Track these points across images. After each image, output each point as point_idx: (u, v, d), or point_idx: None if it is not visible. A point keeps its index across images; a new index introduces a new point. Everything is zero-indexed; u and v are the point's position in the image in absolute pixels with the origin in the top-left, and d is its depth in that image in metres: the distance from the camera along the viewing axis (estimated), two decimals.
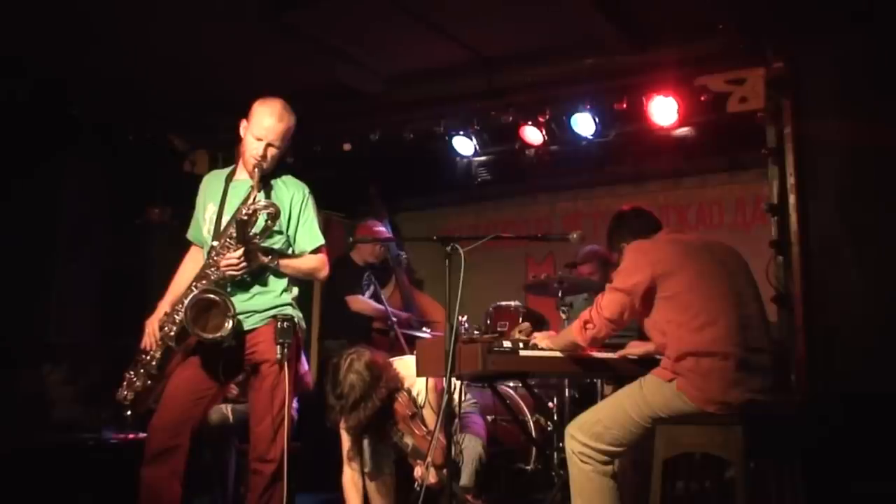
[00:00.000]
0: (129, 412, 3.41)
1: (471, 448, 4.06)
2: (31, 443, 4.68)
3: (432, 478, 3.71)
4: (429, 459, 3.61)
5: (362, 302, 5.65)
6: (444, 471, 3.61)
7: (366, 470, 4.11)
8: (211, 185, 3.55)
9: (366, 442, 4.11)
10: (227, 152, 5.71)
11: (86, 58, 5.06)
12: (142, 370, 3.36)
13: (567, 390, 4.51)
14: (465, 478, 3.99)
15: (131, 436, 4.92)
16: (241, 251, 3.23)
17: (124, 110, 5.71)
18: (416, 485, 3.81)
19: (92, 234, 5.80)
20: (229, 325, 3.19)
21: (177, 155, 6.15)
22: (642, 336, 3.47)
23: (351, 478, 4.11)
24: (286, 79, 4.97)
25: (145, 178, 6.00)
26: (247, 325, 3.33)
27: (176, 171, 6.09)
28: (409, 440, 3.93)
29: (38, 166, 5.41)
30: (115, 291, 5.72)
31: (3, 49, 4.90)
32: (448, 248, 3.31)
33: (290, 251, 3.45)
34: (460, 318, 3.92)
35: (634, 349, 3.57)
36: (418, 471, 3.83)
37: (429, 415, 4.00)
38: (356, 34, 4.94)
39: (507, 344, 3.39)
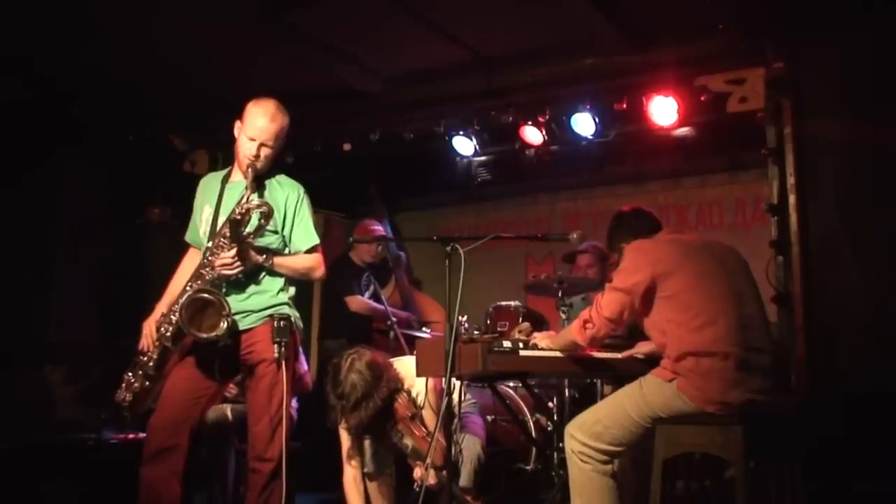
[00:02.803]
0: (127, 413, 3.41)
1: (469, 448, 4.06)
2: (31, 442, 4.68)
3: (431, 479, 3.71)
4: (428, 461, 3.62)
5: (361, 302, 5.66)
6: (444, 472, 3.61)
7: (366, 470, 4.11)
8: (207, 187, 3.56)
9: (366, 442, 4.11)
10: (226, 152, 5.68)
11: (86, 58, 5.06)
12: (140, 371, 3.36)
13: (567, 390, 4.50)
14: (464, 478, 3.99)
15: (131, 436, 4.91)
16: (234, 251, 3.23)
17: (124, 110, 5.71)
18: (415, 485, 3.81)
19: (92, 234, 5.80)
20: (224, 324, 3.19)
21: (177, 155, 6.15)
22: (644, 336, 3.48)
23: (353, 477, 4.11)
24: (286, 79, 4.98)
25: (145, 178, 6.01)
26: (243, 325, 3.33)
27: (176, 171, 6.09)
28: (408, 441, 3.93)
29: (39, 166, 5.42)
30: (115, 291, 5.72)
31: (4, 49, 4.90)
32: (448, 248, 3.31)
33: (285, 251, 3.45)
34: (460, 318, 3.92)
35: (642, 347, 3.56)
36: (418, 472, 3.83)
37: (428, 416, 4.00)
38: (356, 34, 4.93)
39: (507, 344, 3.40)
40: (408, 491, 4.07)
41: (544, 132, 5.58)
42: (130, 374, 3.39)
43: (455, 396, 3.47)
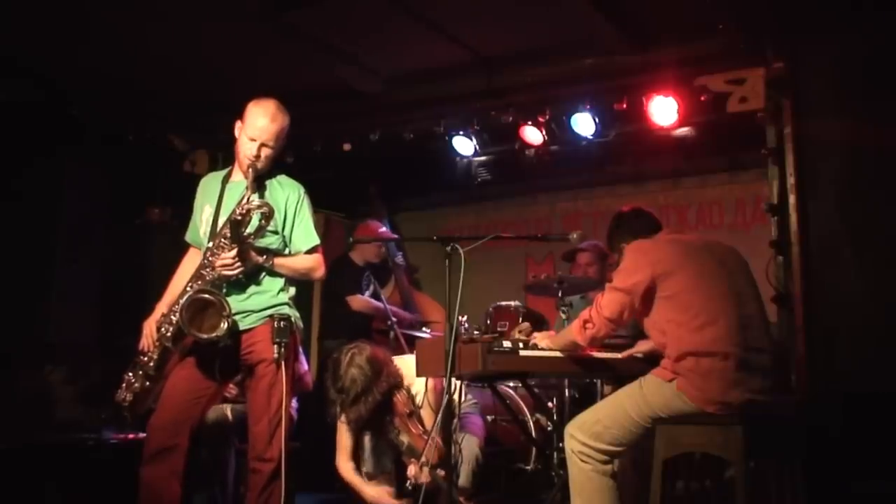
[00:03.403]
0: (128, 413, 3.41)
1: (467, 448, 4.06)
2: (31, 442, 4.68)
3: (425, 477, 3.72)
4: (423, 459, 3.63)
5: (363, 301, 5.66)
6: (438, 471, 3.62)
7: (365, 469, 4.12)
8: (208, 187, 3.56)
9: (367, 439, 4.11)
10: (227, 152, 5.67)
11: (86, 58, 5.06)
12: (140, 371, 3.36)
13: (567, 390, 4.50)
14: (463, 478, 3.99)
15: (131, 436, 4.91)
16: (235, 251, 3.23)
17: (124, 110, 5.71)
18: (407, 483, 3.82)
19: (92, 234, 5.79)
20: (225, 324, 3.19)
21: (177, 155, 6.15)
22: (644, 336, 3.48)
23: (351, 468, 4.11)
24: (286, 79, 4.98)
25: (145, 178, 6.01)
26: (243, 325, 3.33)
27: (176, 171, 6.08)
28: (404, 438, 3.94)
29: (39, 166, 5.42)
30: (115, 291, 5.72)
31: (4, 49, 4.90)
32: (448, 248, 3.32)
33: (285, 251, 3.45)
34: (460, 318, 3.92)
35: (641, 346, 3.56)
36: (411, 469, 3.83)
37: (427, 415, 4.01)
38: (356, 34, 4.93)
39: (507, 344, 3.40)
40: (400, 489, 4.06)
41: (544, 132, 5.58)
42: (130, 374, 3.39)
43: (455, 396, 3.47)
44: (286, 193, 3.46)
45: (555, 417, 4.62)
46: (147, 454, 3.28)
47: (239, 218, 3.24)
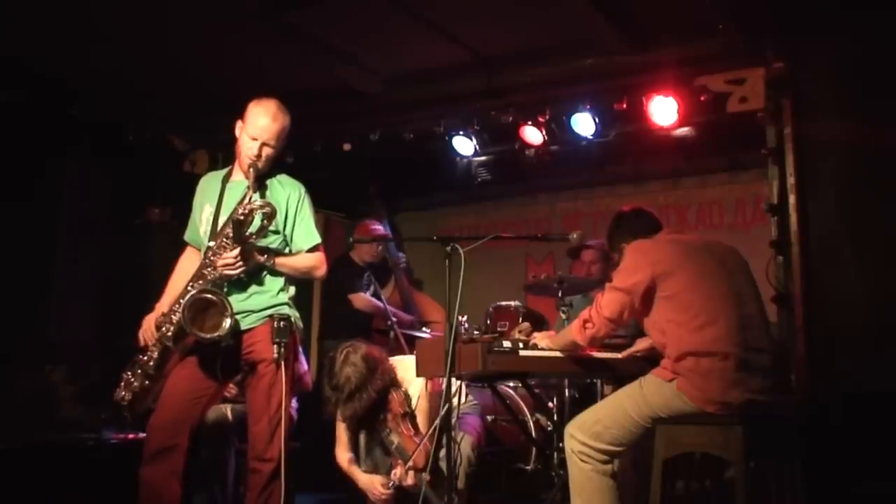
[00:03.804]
0: (127, 413, 3.41)
1: (461, 448, 4.05)
2: (31, 442, 4.68)
3: (410, 479, 3.73)
4: (410, 462, 3.64)
5: (365, 299, 5.66)
6: (424, 475, 3.62)
7: (363, 469, 4.11)
8: (207, 186, 3.56)
9: (362, 438, 4.11)
10: (227, 152, 5.69)
11: (86, 58, 5.06)
12: (139, 370, 3.36)
13: (567, 390, 4.50)
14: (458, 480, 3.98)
15: (131, 436, 4.91)
16: (237, 251, 3.24)
17: (124, 110, 5.71)
18: (390, 484, 3.82)
19: (92, 234, 5.80)
20: (227, 324, 3.19)
21: (177, 155, 6.15)
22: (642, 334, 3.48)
23: (349, 459, 4.12)
24: (286, 79, 4.98)
25: (145, 178, 6.01)
26: (244, 325, 3.34)
27: (176, 171, 6.09)
28: (395, 438, 3.93)
29: (39, 167, 5.42)
30: (115, 291, 5.72)
31: (4, 49, 4.91)
32: (448, 248, 3.32)
33: (287, 250, 3.45)
34: (460, 318, 3.92)
35: (640, 344, 3.56)
36: (397, 471, 3.82)
37: (420, 419, 4.01)
38: (356, 34, 4.93)
39: (507, 344, 3.40)
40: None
41: (544, 132, 5.58)
42: (129, 372, 3.39)
43: (454, 398, 3.47)
44: (287, 192, 3.47)
45: (555, 417, 4.62)
46: (147, 454, 3.28)
47: (241, 218, 3.24)
